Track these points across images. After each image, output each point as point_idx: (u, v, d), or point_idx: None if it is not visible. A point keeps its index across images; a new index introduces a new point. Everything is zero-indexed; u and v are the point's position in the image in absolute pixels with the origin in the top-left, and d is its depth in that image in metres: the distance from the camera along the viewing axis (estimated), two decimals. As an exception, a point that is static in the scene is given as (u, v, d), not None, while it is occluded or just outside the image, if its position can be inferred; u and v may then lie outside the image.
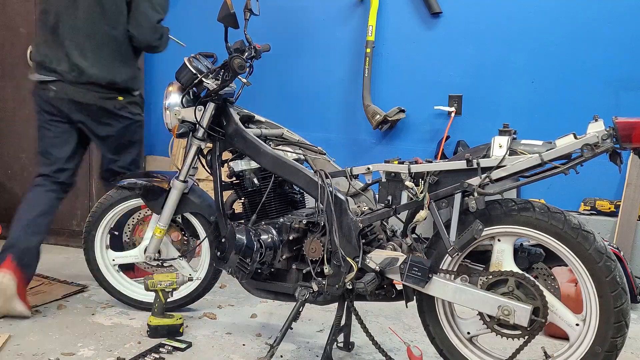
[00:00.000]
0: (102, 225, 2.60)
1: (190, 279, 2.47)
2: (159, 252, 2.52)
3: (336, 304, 2.11)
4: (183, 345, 2.22)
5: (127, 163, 2.74)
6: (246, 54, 2.28)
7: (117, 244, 2.68)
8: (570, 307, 1.80)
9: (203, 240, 2.48)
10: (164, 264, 2.56)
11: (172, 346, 2.21)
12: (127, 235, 2.68)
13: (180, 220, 2.53)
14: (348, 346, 2.25)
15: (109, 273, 2.64)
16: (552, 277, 1.81)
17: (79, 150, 2.70)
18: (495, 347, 2.08)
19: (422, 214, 1.81)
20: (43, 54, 2.56)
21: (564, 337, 1.85)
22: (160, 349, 2.18)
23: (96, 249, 2.62)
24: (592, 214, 3.24)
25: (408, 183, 1.83)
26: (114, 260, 2.63)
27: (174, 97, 2.35)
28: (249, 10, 2.32)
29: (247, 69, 2.20)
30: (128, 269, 2.77)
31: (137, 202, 2.54)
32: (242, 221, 2.32)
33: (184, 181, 2.39)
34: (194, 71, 2.27)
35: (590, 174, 3.00)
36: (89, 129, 2.62)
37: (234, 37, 2.26)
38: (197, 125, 2.29)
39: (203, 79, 2.25)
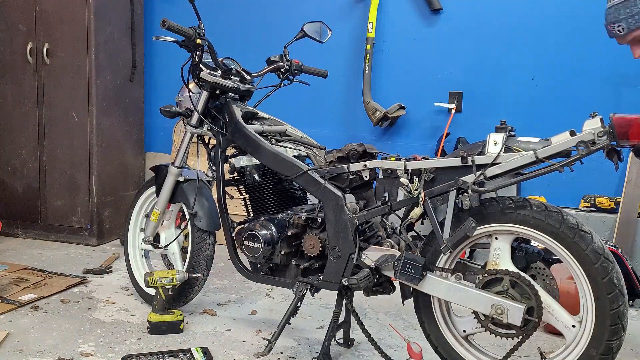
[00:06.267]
0: (138, 205, 2.70)
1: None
2: (157, 236, 2.57)
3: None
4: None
5: None
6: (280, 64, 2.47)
7: None
8: (569, 304, 1.79)
9: (180, 234, 2.52)
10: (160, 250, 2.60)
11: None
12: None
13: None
14: (347, 342, 2.26)
15: (133, 254, 2.72)
16: (551, 277, 1.79)
17: None
18: (492, 346, 2.09)
19: (416, 211, 1.81)
20: None
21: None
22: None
23: (130, 228, 2.72)
24: (592, 211, 3.23)
25: (403, 180, 1.83)
26: (142, 243, 2.68)
27: (184, 89, 2.40)
28: (309, 35, 2.49)
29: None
30: None
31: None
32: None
33: (179, 167, 2.42)
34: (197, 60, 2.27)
35: (590, 171, 3.00)
36: None
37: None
38: (192, 112, 2.33)
39: (202, 67, 2.26)
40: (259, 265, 2.22)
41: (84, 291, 2.82)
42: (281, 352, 2.19)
